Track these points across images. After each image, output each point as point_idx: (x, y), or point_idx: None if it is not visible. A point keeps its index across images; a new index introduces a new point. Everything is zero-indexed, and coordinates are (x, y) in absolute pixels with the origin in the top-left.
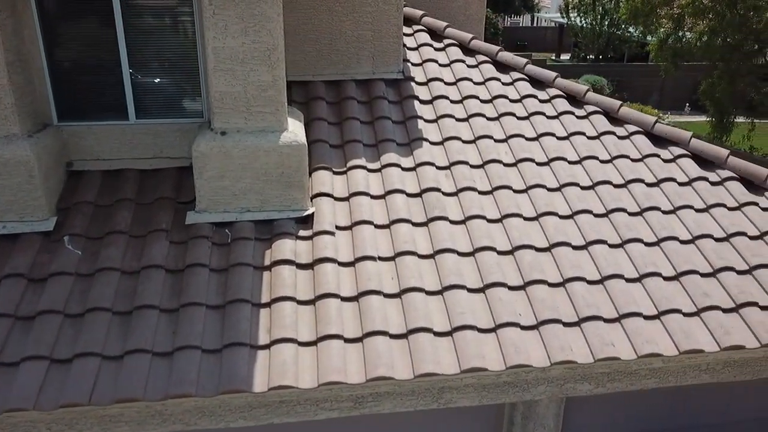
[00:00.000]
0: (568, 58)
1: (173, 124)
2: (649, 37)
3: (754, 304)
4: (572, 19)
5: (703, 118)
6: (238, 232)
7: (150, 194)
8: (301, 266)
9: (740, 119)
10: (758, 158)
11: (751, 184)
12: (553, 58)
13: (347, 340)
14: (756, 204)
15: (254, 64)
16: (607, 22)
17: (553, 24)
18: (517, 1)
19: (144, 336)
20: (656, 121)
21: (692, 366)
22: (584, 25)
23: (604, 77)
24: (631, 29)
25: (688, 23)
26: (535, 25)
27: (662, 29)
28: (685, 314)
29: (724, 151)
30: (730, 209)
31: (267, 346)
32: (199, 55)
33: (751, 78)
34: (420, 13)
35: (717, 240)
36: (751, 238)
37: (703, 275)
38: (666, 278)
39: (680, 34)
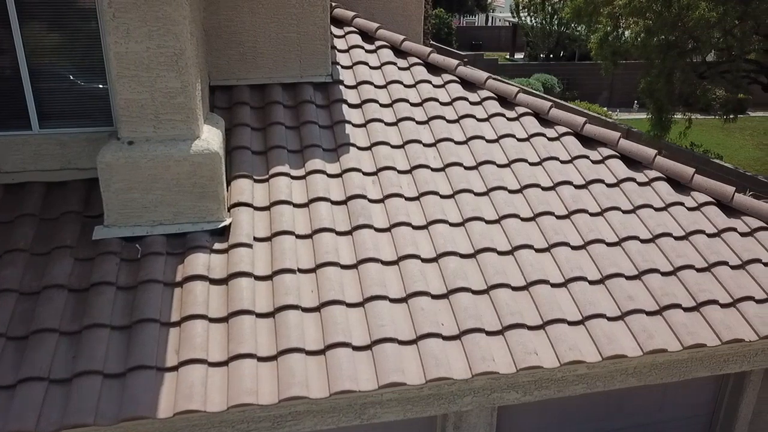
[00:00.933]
0: (522, 56)
1: (81, 133)
2: (591, 36)
3: (677, 306)
4: (522, 18)
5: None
6: (149, 246)
7: (56, 208)
8: (215, 281)
9: (678, 116)
10: (699, 155)
11: (677, 184)
12: (508, 57)
13: (261, 359)
14: (682, 204)
15: (161, 70)
16: (556, 21)
17: (507, 23)
18: (470, 0)
19: (40, 362)
20: (585, 122)
21: (619, 370)
22: (534, 24)
23: (554, 76)
24: (579, 28)
25: (628, 22)
26: (489, 24)
27: (601, 28)
28: (609, 318)
29: (652, 151)
30: (657, 210)
31: (174, 368)
32: (105, 61)
33: (687, 75)
34: (351, 14)
35: (643, 241)
36: (676, 238)
37: (628, 278)
38: (591, 282)
39: (619, 32)
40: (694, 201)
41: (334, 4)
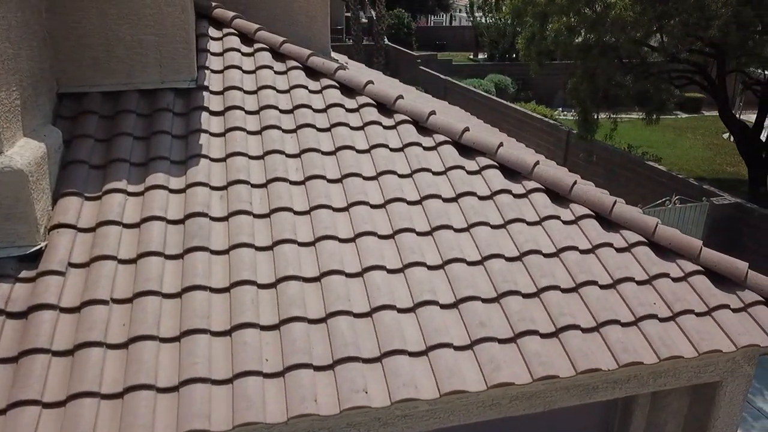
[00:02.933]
0: (485, 57)
1: None
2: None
3: (534, 332)
4: (477, 18)
5: (602, 115)
6: None
7: None
8: (12, 315)
9: (603, 115)
10: (634, 157)
11: (557, 195)
12: (471, 57)
13: (46, 405)
14: (557, 218)
15: None
16: (510, 21)
17: (470, 23)
18: (431, 0)
19: None
20: (464, 131)
21: (469, 404)
22: (489, 24)
23: (509, 76)
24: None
25: (554, 22)
26: (455, 24)
27: (528, 28)
28: (456, 348)
29: (531, 161)
30: (529, 224)
31: None
32: None
33: (609, 76)
34: (231, 14)
35: (508, 260)
36: (545, 255)
37: (484, 301)
38: (443, 306)
39: (546, 33)
40: (572, 214)
41: (214, 3)
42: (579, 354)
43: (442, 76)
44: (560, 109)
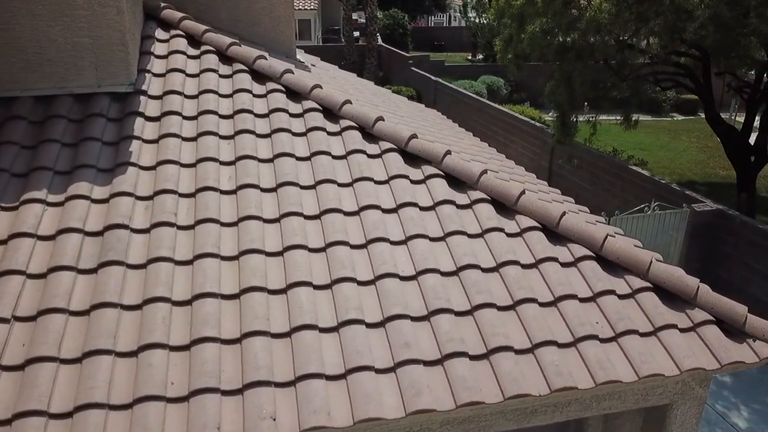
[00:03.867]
0: (482, 57)
1: None
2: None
3: (462, 354)
4: (471, 18)
5: (603, 117)
6: None
7: None
8: None
9: (585, 118)
10: (618, 162)
11: (503, 206)
12: (469, 57)
13: None
14: (501, 230)
15: None
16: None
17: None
18: (428, 0)
19: None
20: (411, 138)
21: (391, 431)
22: (482, 24)
23: (503, 78)
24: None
25: (531, 24)
26: (454, 25)
27: (507, 29)
28: (378, 371)
29: (477, 170)
30: (471, 236)
31: None
32: None
33: (586, 78)
34: (179, 15)
35: (443, 275)
36: (484, 270)
37: (413, 319)
38: (368, 325)
39: (522, 35)
40: (518, 226)
41: (164, 4)
42: (508, 378)
43: (432, 77)
44: (552, 111)
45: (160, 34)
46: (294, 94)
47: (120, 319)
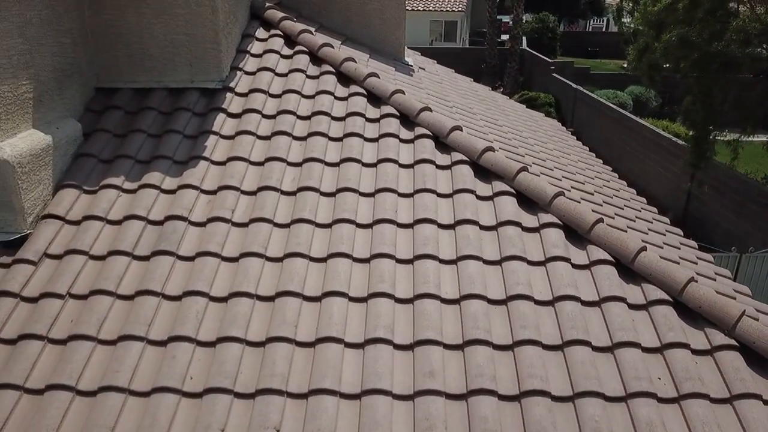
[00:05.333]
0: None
1: None
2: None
3: (490, 392)
4: (625, 24)
5: (750, 137)
6: None
7: None
8: None
9: (728, 136)
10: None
11: (575, 233)
12: (624, 65)
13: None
14: (566, 260)
15: None
16: None
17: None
18: (583, 4)
19: None
20: (485, 150)
21: None
22: (636, 30)
23: (655, 89)
24: None
25: (669, 32)
26: (611, 30)
27: (643, 38)
28: (395, 397)
29: (551, 191)
30: (530, 263)
31: None
32: None
33: (728, 95)
34: (280, 15)
35: (490, 302)
36: (537, 302)
37: (445, 347)
38: (396, 347)
39: (656, 44)
40: (587, 257)
41: (269, 4)
42: (537, 427)
43: (573, 85)
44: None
45: (260, 33)
46: (375, 98)
47: (159, 308)
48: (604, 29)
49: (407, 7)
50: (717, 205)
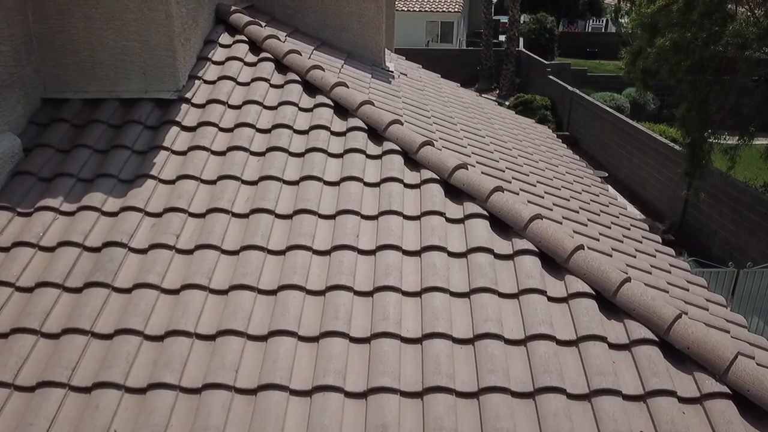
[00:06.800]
0: None
1: None
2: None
3: None
4: (623, 25)
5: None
6: None
7: None
8: None
9: (729, 140)
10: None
11: (552, 261)
12: (623, 66)
13: None
14: (542, 293)
15: None
16: None
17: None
18: (581, 4)
19: None
20: (456, 168)
21: None
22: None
23: (653, 91)
24: None
25: (662, 35)
26: (610, 30)
27: (637, 41)
28: None
29: (527, 214)
30: (502, 296)
31: None
32: None
33: (725, 102)
34: (246, 19)
35: (455, 341)
36: (507, 342)
37: (402, 395)
38: (347, 394)
39: (649, 49)
40: (565, 289)
41: (234, 8)
42: None
43: (569, 88)
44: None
45: (224, 39)
46: (342, 109)
47: (86, 348)
48: (603, 30)
49: (403, 8)
50: (715, 213)
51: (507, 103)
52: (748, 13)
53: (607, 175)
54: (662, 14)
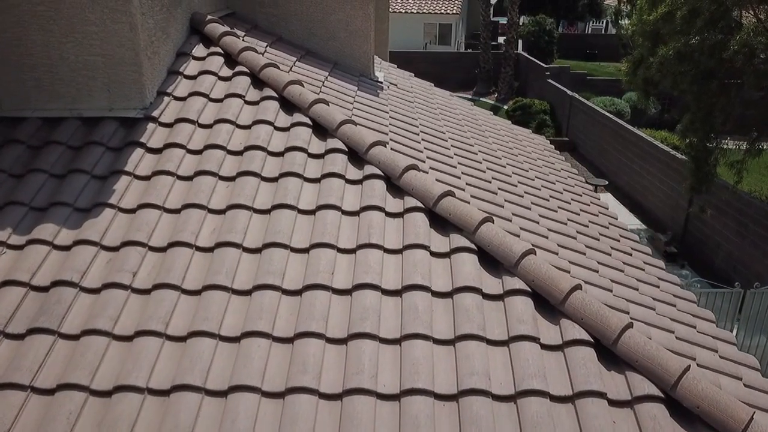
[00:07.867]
0: None
1: None
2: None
3: None
4: (623, 27)
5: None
6: None
7: None
8: None
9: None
10: None
11: (546, 303)
12: (623, 69)
13: None
14: (535, 339)
15: None
16: None
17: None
18: (581, 6)
19: None
20: (443, 196)
21: None
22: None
23: (654, 95)
24: None
25: (665, 44)
26: (610, 32)
27: (638, 50)
28: None
29: (519, 249)
30: (490, 343)
31: None
32: None
33: (730, 114)
34: (221, 30)
35: (438, 397)
36: (495, 398)
37: None
38: None
39: (650, 58)
40: (560, 335)
41: (210, 17)
42: None
43: (568, 92)
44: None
45: (198, 51)
46: (321, 129)
47: (25, 404)
48: (603, 31)
49: (400, 9)
50: (719, 225)
51: (505, 107)
52: (755, 21)
53: (607, 183)
54: (665, 22)
